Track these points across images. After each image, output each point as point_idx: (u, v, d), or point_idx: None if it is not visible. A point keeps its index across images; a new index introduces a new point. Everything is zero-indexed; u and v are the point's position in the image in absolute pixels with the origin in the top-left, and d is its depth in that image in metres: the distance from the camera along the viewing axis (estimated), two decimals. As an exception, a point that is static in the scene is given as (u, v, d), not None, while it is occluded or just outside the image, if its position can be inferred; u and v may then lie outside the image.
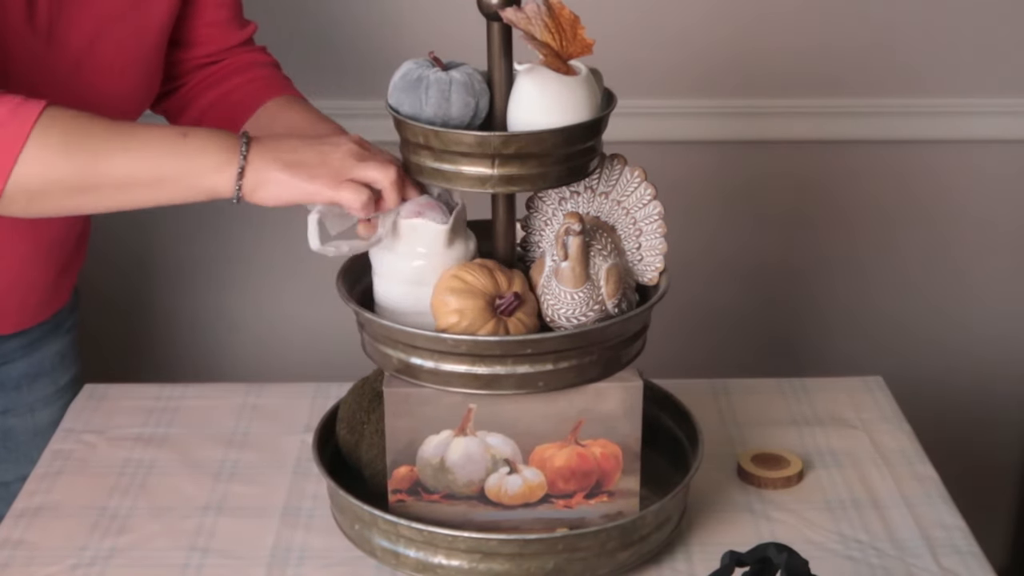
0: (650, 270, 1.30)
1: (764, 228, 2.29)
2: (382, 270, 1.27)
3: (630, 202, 1.29)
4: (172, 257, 2.28)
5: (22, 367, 1.62)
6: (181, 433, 1.55)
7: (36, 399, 1.65)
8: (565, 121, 1.19)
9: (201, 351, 2.34)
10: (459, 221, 1.26)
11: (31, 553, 1.34)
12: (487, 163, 1.19)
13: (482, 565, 1.24)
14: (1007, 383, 2.42)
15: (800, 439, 1.54)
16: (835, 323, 2.37)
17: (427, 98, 1.19)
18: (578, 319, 1.23)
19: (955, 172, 2.27)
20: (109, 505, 1.41)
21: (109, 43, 1.44)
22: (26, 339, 1.61)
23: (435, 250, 1.24)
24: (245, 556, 1.33)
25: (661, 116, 2.17)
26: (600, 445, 1.27)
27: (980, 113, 2.22)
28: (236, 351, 2.35)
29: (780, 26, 2.15)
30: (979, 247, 2.32)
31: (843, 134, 2.22)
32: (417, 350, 1.22)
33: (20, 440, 1.65)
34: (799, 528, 1.37)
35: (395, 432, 1.26)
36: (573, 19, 1.20)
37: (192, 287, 2.30)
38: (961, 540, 1.36)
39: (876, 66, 2.18)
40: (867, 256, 2.32)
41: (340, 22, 2.10)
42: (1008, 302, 2.36)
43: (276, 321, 2.33)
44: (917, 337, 2.37)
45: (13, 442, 1.64)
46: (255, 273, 2.30)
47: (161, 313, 2.32)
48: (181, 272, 2.29)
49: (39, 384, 1.65)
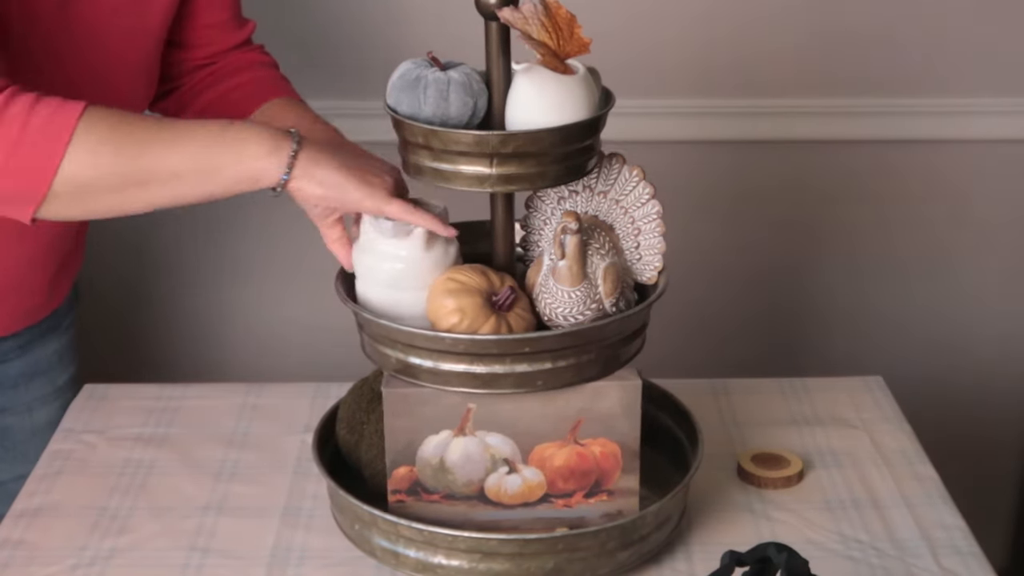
0: (648, 269, 1.30)
1: (764, 228, 2.29)
2: (361, 272, 1.28)
3: (628, 201, 1.29)
4: (172, 257, 2.28)
5: (19, 366, 1.62)
6: (181, 433, 1.55)
7: (34, 398, 1.65)
8: (563, 120, 1.19)
9: (201, 351, 2.34)
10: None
11: (31, 553, 1.34)
12: (485, 162, 1.19)
13: (482, 565, 1.23)
14: (1008, 383, 2.42)
15: (800, 439, 1.54)
16: (835, 323, 2.37)
17: (425, 98, 1.19)
18: (575, 318, 1.23)
19: (955, 172, 2.27)
20: (109, 505, 1.41)
21: (108, 43, 1.44)
22: (23, 339, 1.61)
23: (414, 254, 1.24)
24: (245, 556, 1.33)
25: (660, 116, 2.17)
26: (599, 444, 1.27)
27: (980, 113, 2.22)
28: (236, 351, 2.35)
29: (780, 26, 2.15)
30: (979, 247, 2.32)
31: (843, 134, 2.22)
32: (416, 350, 1.22)
33: (17, 439, 1.64)
34: (799, 528, 1.37)
35: (394, 432, 1.26)
36: (569, 18, 1.20)
37: (192, 287, 2.30)
38: (961, 540, 1.36)
39: (876, 66, 2.18)
40: (867, 256, 2.32)
41: (338, 22, 2.10)
42: (1008, 302, 2.36)
43: (276, 321, 2.33)
44: (917, 337, 2.37)
45: (10, 441, 1.64)
46: (255, 273, 2.30)
47: (161, 313, 2.32)
48: (181, 272, 2.29)
49: (36, 383, 1.65)
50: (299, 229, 2.26)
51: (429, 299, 1.23)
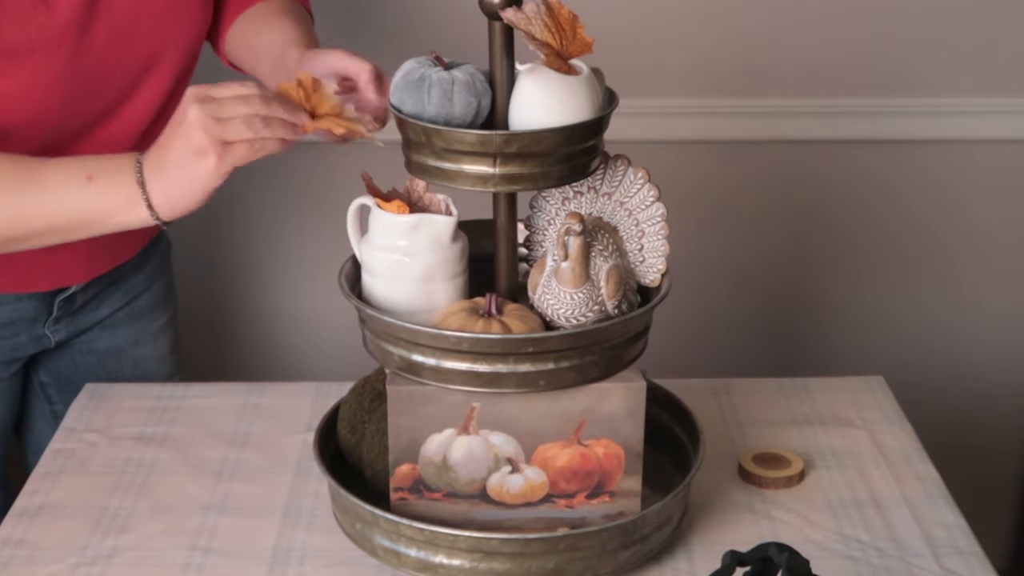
0: (652, 271, 1.30)
1: (765, 228, 2.29)
2: (380, 269, 1.27)
3: (633, 203, 1.29)
4: (172, 257, 2.28)
5: (145, 299, 1.75)
6: (182, 433, 1.55)
7: (158, 326, 1.78)
8: (566, 120, 1.19)
9: (201, 351, 2.34)
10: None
11: (32, 552, 1.34)
12: (489, 162, 1.19)
13: (483, 564, 1.24)
14: (1009, 383, 2.42)
15: (801, 439, 1.54)
16: (836, 323, 2.37)
17: (429, 97, 1.19)
18: (577, 319, 1.23)
19: (955, 172, 2.27)
20: (110, 504, 1.41)
21: None
22: (148, 267, 1.75)
23: (443, 243, 1.25)
24: (246, 555, 1.33)
25: (661, 116, 2.17)
26: (603, 445, 1.27)
27: (980, 113, 2.22)
28: (236, 351, 2.35)
29: (781, 26, 2.15)
30: (980, 246, 2.32)
31: (843, 134, 2.22)
32: (419, 347, 1.22)
33: (150, 368, 1.77)
34: (800, 528, 1.37)
35: (397, 430, 1.26)
36: (572, 18, 1.20)
37: (192, 287, 2.30)
38: (962, 540, 1.36)
39: (876, 66, 2.18)
40: (868, 256, 2.32)
41: (341, 21, 2.10)
42: (1009, 301, 2.36)
43: (276, 321, 2.33)
44: (918, 336, 2.37)
45: (143, 371, 1.76)
46: (255, 272, 2.30)
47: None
48: (181, 272, 2.29)
49: (157, 312, 1.78)
50: (300, 227, 2.27)
51: None
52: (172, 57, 1.52)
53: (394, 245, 1.26)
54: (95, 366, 1.74)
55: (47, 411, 1.76)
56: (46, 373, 1.74)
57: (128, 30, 1.45)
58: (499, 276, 1.30)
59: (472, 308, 1.25)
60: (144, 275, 1.75)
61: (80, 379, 1.70)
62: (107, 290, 1.70)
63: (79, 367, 1.73)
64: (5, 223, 1.31)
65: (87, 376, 1.72)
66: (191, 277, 2.29)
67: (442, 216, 1.26)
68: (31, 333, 1.64)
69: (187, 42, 1.53)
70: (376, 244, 1.27)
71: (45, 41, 1.38)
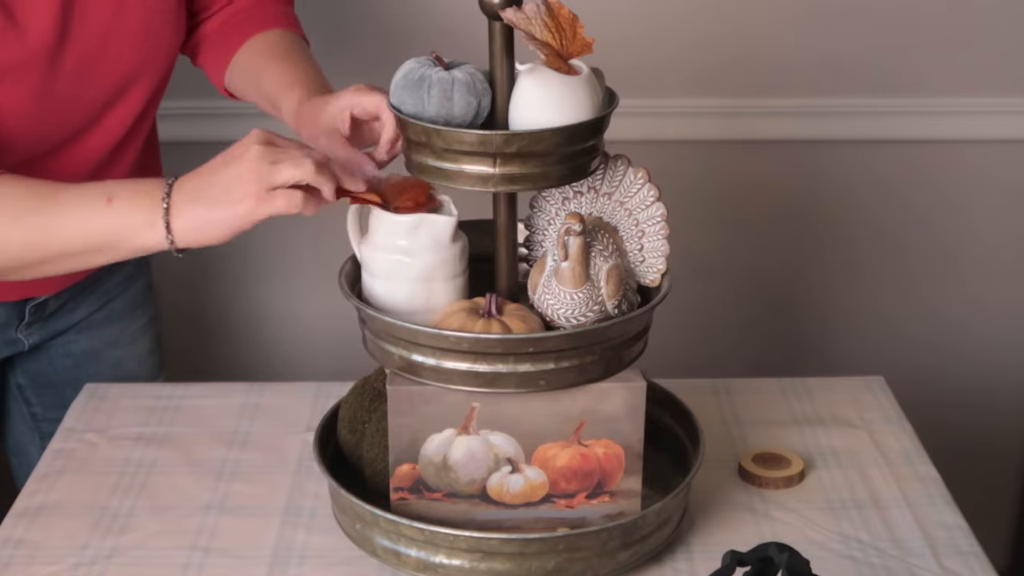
0: (652, 271, 1.30)
1: (765, 228, 2.29)
2: (380, 269, 1.27)
3: (633, 203, 1.29)
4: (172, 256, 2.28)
5: (122, 301, 1.74)
6: (182, 433, 1.55)
7: (136, 328, 1.77)
8: (566, 120, 1.19)
9: (201, 351, 2.34)
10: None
11: (32, 552, 1.34)
12: (489, 162, 1.19)
13: (483, 564, 1.24)
14: (1009, 382, 2.42)
15: (801, 439, 1.54)
16: (836, 323, 2.37)
17: (429, 97, 1.19)
18: (577, 319, 1.23)
19: (955, 172, 2.27)
20: (110, 504, 1.41)
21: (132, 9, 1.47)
22: (123, 271, 1.72)
23: (443, 243, 1.25)
24: (246, 556, 1.33)
25: (661, 116, 2.17)
26: (603, 445, 1.27)
27: (980, 113, 2.22)
28: (236, 351, 2.35)
29: (781, 26, 2.15)
30: (980, 246, 2.32)
31: (843, 134, 2.22)
32: (419, 347, 1.22)
33: (130, 369, 1.75)
34: (800, 528, 1.37)
35: (398, 430, 1.26)
36: (572, 18, 1.20)
37: (192, 287, 2.30)
38: (963, 540, 1.36)
39: (876, 66, 2.18)
40: (868, 256, 2.32)
41: (341, 21, 2.10)
42: (1009, 301, 2.36)
43: (276, 321, 2.33)
44: (918, 336, 2.37)
45: (124, 371, 1.74)
46: (256, 273, 2.30)
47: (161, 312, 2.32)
48: (181, 272, 2.29)
49: (136, 314, 1.76)
50: (300, 228, 2.27)
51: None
52: (144, 80, 1.52)
53: (394, 245, 1.26)
54: (72, 368, 1.73)
55: (25, 413, 1.75)
56: (23, 375, 1.73)
57: (99, 54, 1.45)
58: (499, 276, 1.30)
59: (472, 308, 1.25)
60: (119, 278, 1.74)
61: (58, 381, 1.70)
62: (82, 294, 1.69)
63: (56, 369, 1.72)
64: (20, 250, 1.30)
65: (65, 378, 1.71)
66: (190, 278, 2.29)
67: (442, 216, 1.26)
68: (3, 337, 1.64)
69: (159, 65, 1.53)
70: (376, 244, 1.27)
71: (16, 64, 1.38)
